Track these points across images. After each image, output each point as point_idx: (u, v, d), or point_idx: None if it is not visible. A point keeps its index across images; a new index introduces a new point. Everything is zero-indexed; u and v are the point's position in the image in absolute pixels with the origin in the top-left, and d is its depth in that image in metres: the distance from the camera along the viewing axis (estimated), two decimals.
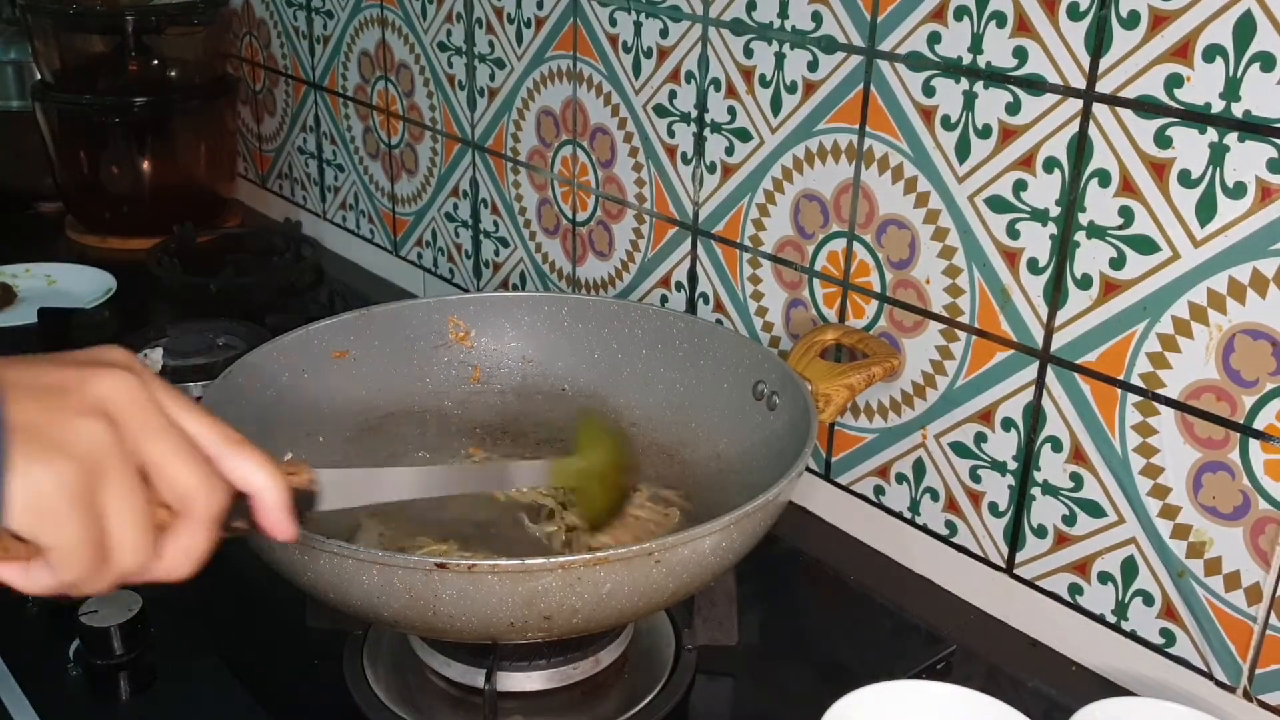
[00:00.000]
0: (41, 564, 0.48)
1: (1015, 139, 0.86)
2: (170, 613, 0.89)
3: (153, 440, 0.49)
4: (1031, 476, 0.91)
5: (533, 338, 1.06)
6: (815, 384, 0.91)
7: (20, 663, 0.87)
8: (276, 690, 0.86)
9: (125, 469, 0.48)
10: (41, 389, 0.47)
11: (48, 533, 0.46)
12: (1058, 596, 0.91)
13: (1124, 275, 0.82)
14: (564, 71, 1.23)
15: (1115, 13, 0.78)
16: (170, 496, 0.50)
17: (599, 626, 0.77)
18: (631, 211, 1.20)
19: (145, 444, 0.49)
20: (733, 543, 0.75)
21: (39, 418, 0.46)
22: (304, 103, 1.69)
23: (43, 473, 0.46)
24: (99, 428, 0.48)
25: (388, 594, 0.70)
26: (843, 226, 1.00)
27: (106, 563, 0.49)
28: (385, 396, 1.02)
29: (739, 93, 1.05)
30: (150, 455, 0.49)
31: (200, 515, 0.51)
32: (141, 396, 0.50)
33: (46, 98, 1.69)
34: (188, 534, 0.51)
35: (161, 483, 0.50)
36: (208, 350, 1.26)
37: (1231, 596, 0.81)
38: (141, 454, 0.49)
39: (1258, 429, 0.77)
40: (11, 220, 1.80)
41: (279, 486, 0.54)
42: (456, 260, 1.48)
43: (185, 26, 1.72)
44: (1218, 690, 0.83)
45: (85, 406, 0.48)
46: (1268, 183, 0.73)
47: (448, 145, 1.43)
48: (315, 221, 1.73)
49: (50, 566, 0.48)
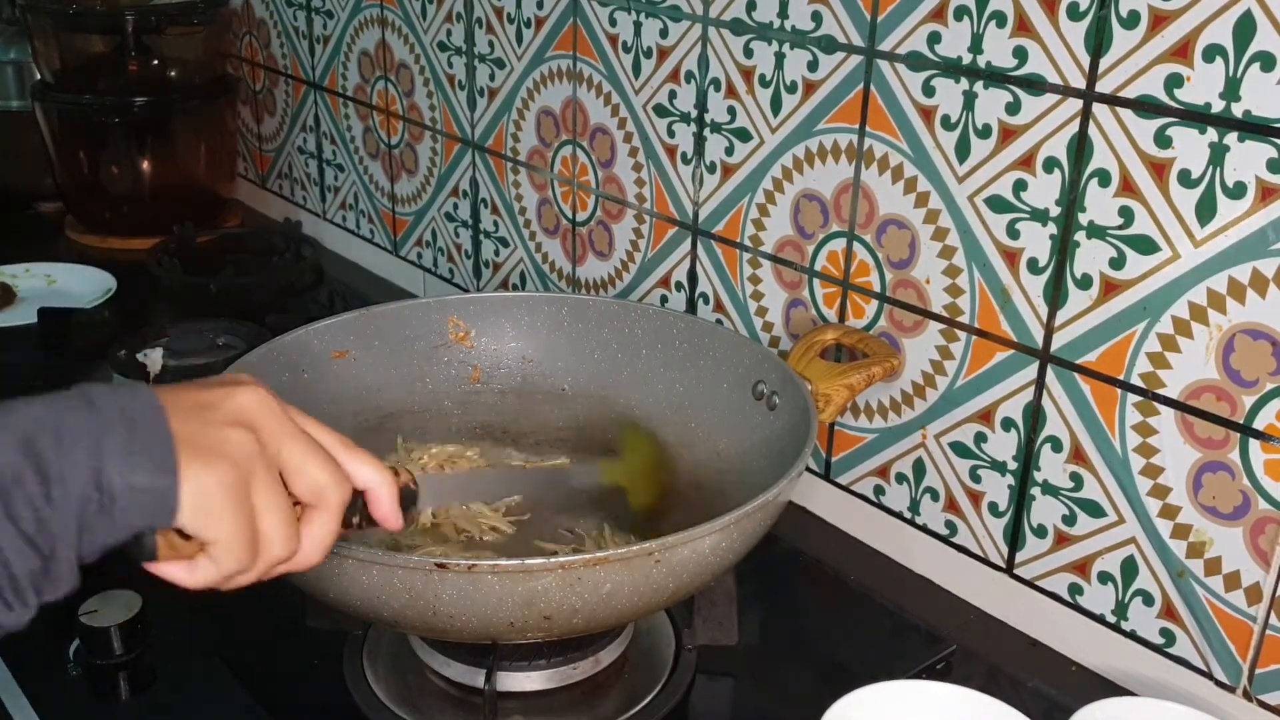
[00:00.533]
0: (204, 559, 0.55)
1: (1015, 139, 0.86)
2: (170, 613, 0.89)
3: (289, 444, 0.57)
4: (1031, 476, 0.91)
5: (533, 338, 1.06)
6: (815, 384, 0.91)
7: (20, 662, 0.87)
8: (276, 690, 0.86)
9: (270, 470, 0.55)
10: (192, 405, 0.54)
11: (212, 528, 0.53)
12: (1058, 596, 0.91)
13: (1124, 275, 0.82)
14: (564, 71, 1.23)
15: (1115, 13, 0.78)
16: (305, 493, 0.57)
17: (599, 626, 0.77)
18: (631, 211, 1.20)
19: (283, 448, 0.56)
20: (733, 543, 0.75)
21: (195, 430, 0.53)
22: (304, 103, 1.69)
23: (206, 475, 0.52)
24: (245, 435, 0.54)
25: (388, 594, 0.70)
26: (843, 226, 1.00)
27: (259, 553, 0.55)
28: (385, 396, 1.02)
29: (739, 93, 1.05)
30: (288, 458, 0.57)
31: (331, 507, 0.58)
32: (275, 408, 0.57)
33: (46, 98, 1.69)
34: (320, 524, 0.58)
35: (298, 480, 0.57)
36: (208, 350, 1.26)
37: (1231, 596, 0.81)
38: (281, 457, 0.56)
39: (1258, 429, 0.77)
40: (11, 220, 1.80)
41: (390, 482, 0.62)
42: (456, 260, 1.48)
43: (185, 26, 1.72)
44: (1218, 690, 0.83)
45: (230, 419, 0.55)
46: (1268, 183, 0.73)
47: (448, 145, 1.43)
48: (315, 221, 1.73)
49: (212, 560, 0.55)
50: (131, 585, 0.88)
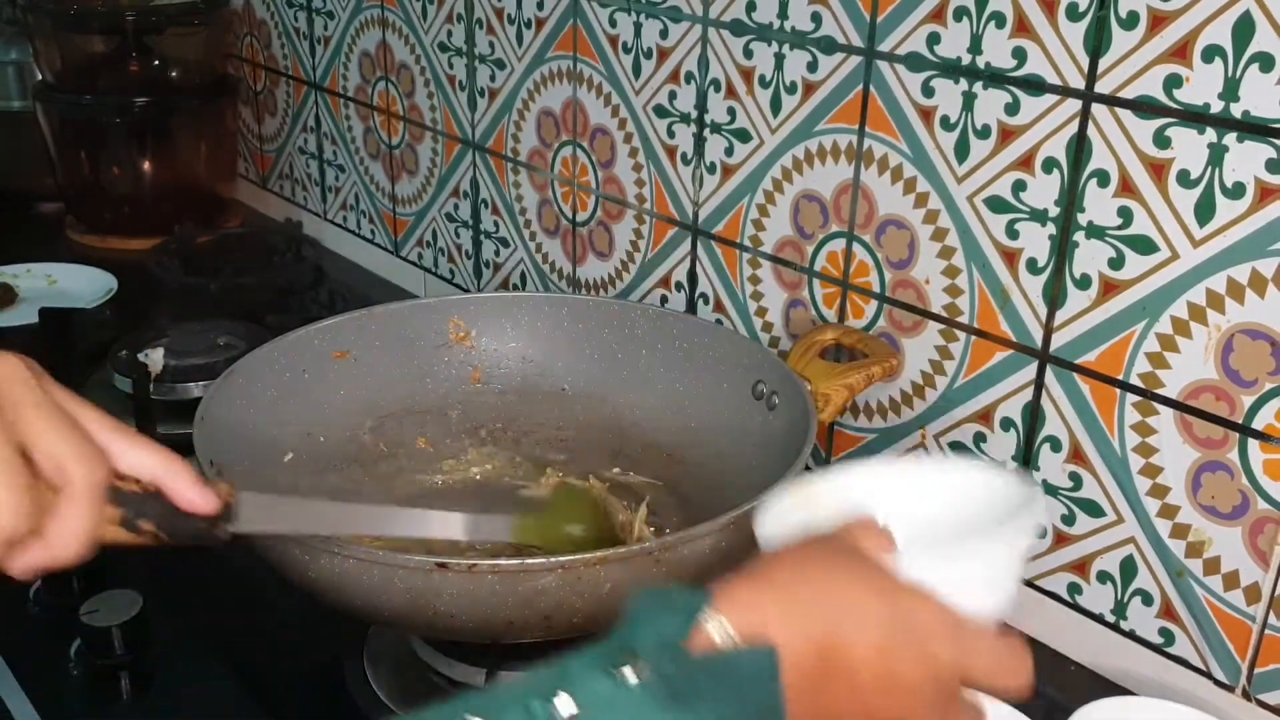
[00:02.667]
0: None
1: (1014, 139, 0.86)
2: (170, 613, 0.90)
3: (29, 413, 0.52)
4: (1030, 476, 0.91)
5: (533, 338, 1.06)
6: (815, 384, 0.91)
7: (21, 662, 0.87)
8: (276, 690, 0.86)
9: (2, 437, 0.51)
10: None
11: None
12: (1057, 596, 0.91)
13: (1123, 275, 0.82)
14: (564, 72, 1.23)
15: (1114, 13, 0.78)
16: (47, 466, 0.52)
17: (599, 626, 0.77)
18: (631, 212, 1.20)
19: (21, 417, 0.52)
20: (732, 543, 0.75)
21: None
22: (304, 103, 1.69)
23: None
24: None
25: (388, 594, 0.70)
26: (842, 227, 1.00)
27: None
28: (385, 396, 1.02)
29: (739, 93, 1.05)
30: (26, 429, 0.52)
31: (79, 489, 0.53)
32: (24, 377, 0.53)
33: (47, 98, 1.69)
34: (70, 510, 0.53)
35: (37, 453, 0.52)
36: (208, 350, 1.25)
37: (1230, 596, 0.81)
38: (18, 426, 0.52)
39: (1256, 429, 0.77)
40: (12, 220, 1.80)
41: (179, 467, 0.57)
42: (457, 260, 1.48)
43: (185, 27, 1.72)
44: (1217, 689, 0.83)
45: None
46: (1266, 183, 0.73)
47: (448, 145, 1.43)
48: (316, 222, 1.73)
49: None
50: (132, 585, 0.88)
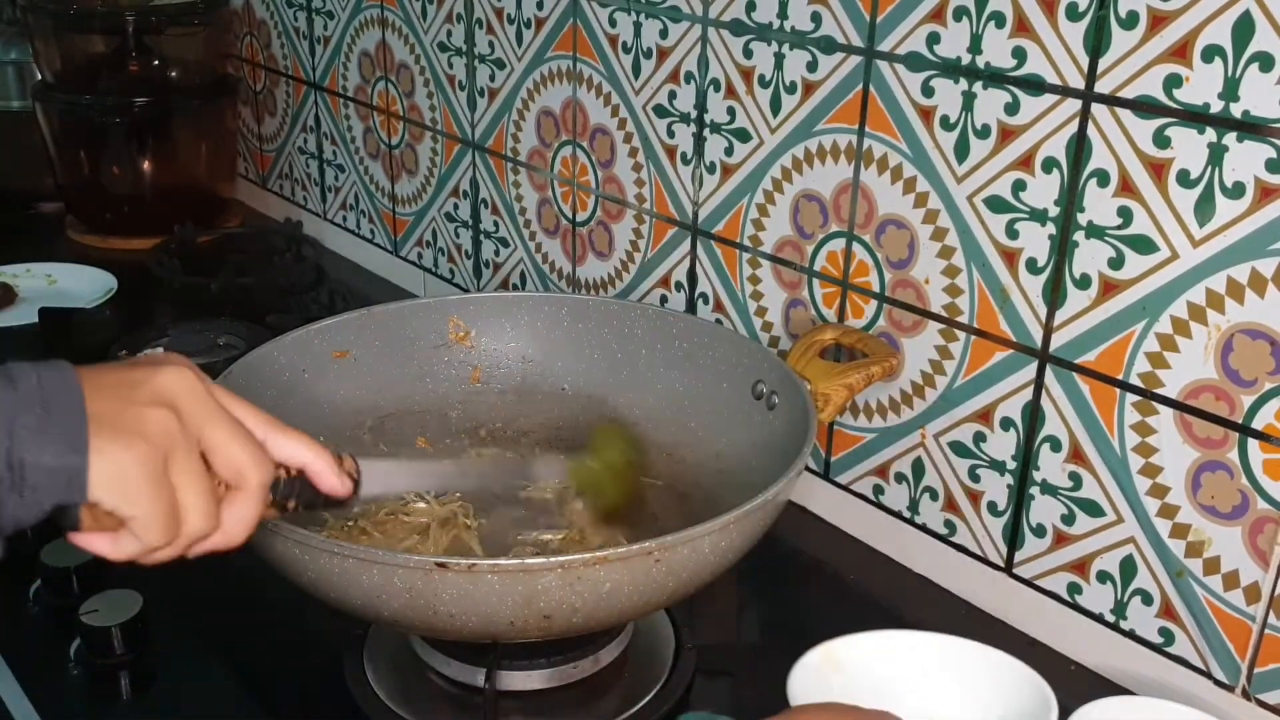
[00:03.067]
0: (126, 533, 0.56)
1: (1014, 139, 0.86)
2: (170, 613, 0.90)
3: (210, 424, 0.58)
4: (1030, 476, 0.91)
5: (533, 338, 1.06)
6: (814, 383, 0.91)
7: (21, 662, 0.87)
8: (276, 690, 0.86)
9: (190, 449, 0.57)
10: (113, 384, 0.56)
11: (129, 505, 0.54)
12: (1057, 596, 0.91)
13: (1123, 275, 0.82)
14: (564, 72, 1.23)
15: (1114, 13, 0.78)
16: (225, 472, 0.59)
17: (599, 626, 0.77)
18: (631, 212, 1.20)
19: (204, 428, 0.58)
20: (732, 542, 0.75)
21: (114, 409, 0.55)
22: (304, 103, 1.69)
23: (122, 454, 0.54)
24: (165, 414, 0.56)
25: (388, 594, 0.70)
26: (842, 226, 1.00)
27: (178, 529, 0.57)
28: (386, 396, 1.02)
29: (738, 93, 1.05)
30: (208, 437, 0.58)
31: (252, 487, 0.59)
32: (199, 389, 0.58)
33: (47, 98, 1.69)
34: (242, 504, 0.59)
35: (218, 459, 0.58)
36: (208, 350, 1.26)
37: (1230, 596, 0.81)
38: (202, 437, 0.58)
39: (1256, 429, 0.77)
40: (12, 220, 1.80)
41: (326, 456, 0.64)
42: (456, 260, 1.48)
43: (185, 27, 1.72)
44: (1216, 689, 0.83)
45: (151, 398, 0.56)
46: (1266, 183, 0.74)
47: (448, 145, 1.43)
48: (316, 221, 1.73)
49: (133, 534, 0.56)
50: (132, 585, 0.88)
